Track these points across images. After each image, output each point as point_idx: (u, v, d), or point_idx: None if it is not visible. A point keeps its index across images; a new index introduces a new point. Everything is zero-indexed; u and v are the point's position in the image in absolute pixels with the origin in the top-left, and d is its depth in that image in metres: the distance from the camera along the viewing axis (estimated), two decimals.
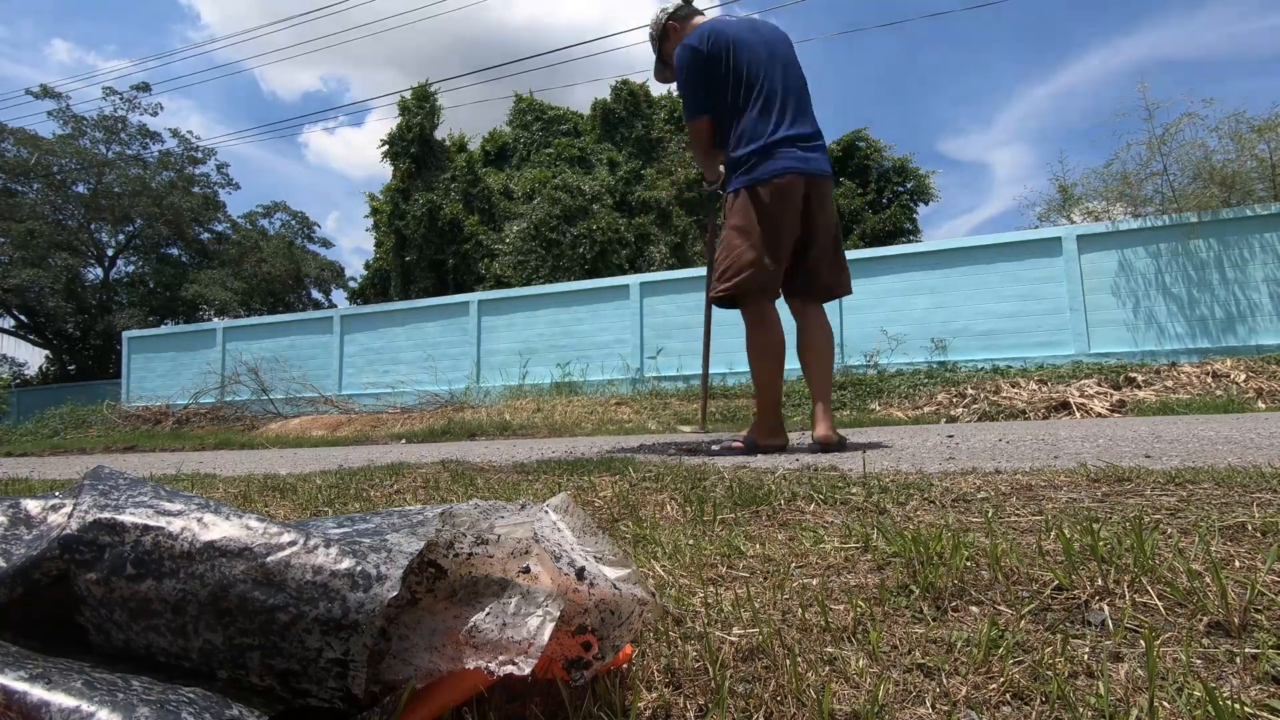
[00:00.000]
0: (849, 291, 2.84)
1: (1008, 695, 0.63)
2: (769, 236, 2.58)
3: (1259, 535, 1.01)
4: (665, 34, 2.93)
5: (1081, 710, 0.59)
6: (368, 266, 20.04)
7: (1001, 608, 0.82)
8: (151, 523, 0.55)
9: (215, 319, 23.71)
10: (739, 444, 2.77)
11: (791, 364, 2.79)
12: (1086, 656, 0.69)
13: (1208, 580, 0.81)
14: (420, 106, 16.94)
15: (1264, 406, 5.09)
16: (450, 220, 15.94)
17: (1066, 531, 1.01)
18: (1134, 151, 9.30)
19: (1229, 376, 5.81)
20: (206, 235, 26.41)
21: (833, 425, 2.65)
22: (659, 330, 9.40)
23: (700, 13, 2.95)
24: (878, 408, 6.47)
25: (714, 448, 2.88)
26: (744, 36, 2.69)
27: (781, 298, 2.78)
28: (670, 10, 2.94)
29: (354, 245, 64.40)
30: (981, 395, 6.15)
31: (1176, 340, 7.22)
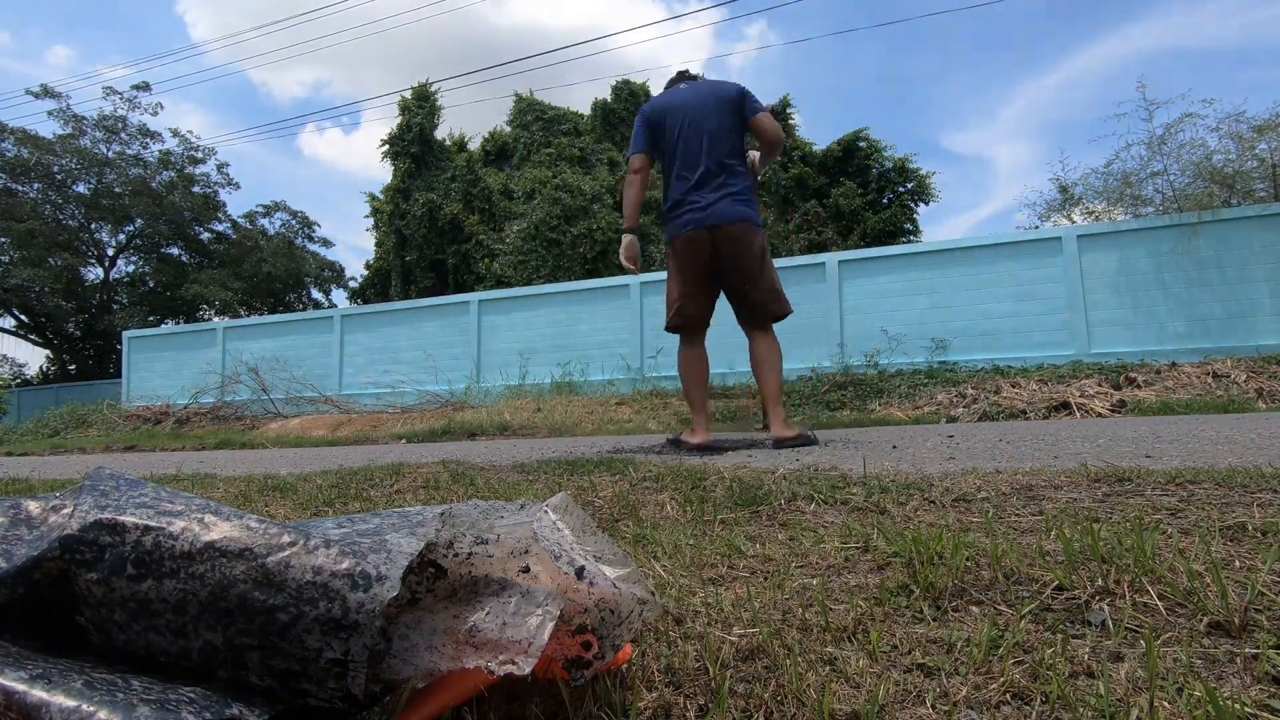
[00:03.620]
0: (786, 312, 3.16)
1: (1008, 695, 0.63)
2: (685, 280, 3.14)
3: (1259, 535, 1.01)
4: None
5: (1081, 710, 0.59)
6: (368, 266, 20.04)
7: (1002, 608, 0.82)
8: (152, 523, 0.55)
9: (215, 319, 23.72)
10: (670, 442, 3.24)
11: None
12: (1087, 656, 0.69)
13: (1208, 580, 0.81)
14: (420, 106, 16.94)
15: (1264, 406, 5.09)
16: (450, 220, 15.95)
17: (1067, 531, 1.01)
18: (1134, 151, 9.29)
19: (1229, 376, 5.81)
20: (206, 235, 26.40)
21: (784, 423, 3.04)
22: (659, 330, 9.40)
23: (679, 80, 3.33)
24: (878, 408, 6.47)
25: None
26: (677, 105, 3.14)
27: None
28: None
29: (354, 245, 64.37)
30: (982, 395, 6.15)
31: (1177, 340, 7.21)
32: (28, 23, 49.00)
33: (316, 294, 28.00)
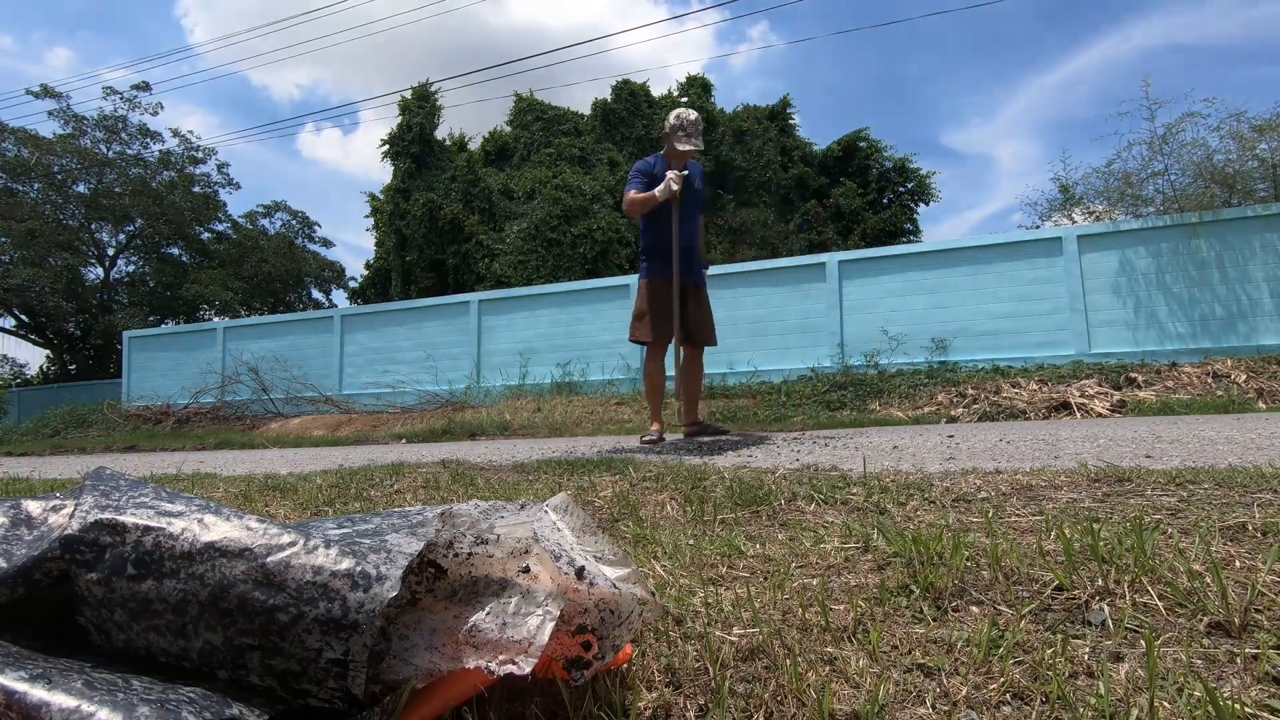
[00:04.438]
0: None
1: (1008, 695, 0.63)
2: None
3: (1259, 535, 1.01)
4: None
5: (1081, 710, 0.59)
6: (368, 266, 20.03)
7: (1002, 608, 0.82)
8: (152, 523, 0.55)
9: (215, 319, 23.73)
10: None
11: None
12: (1086, 656, 0.69)
13: (1208, 580, 0.81)
14: (420, 106, 16.93)
15: (1264, 407, 5.09)
16: (450, 220, 15.94)
17: (1067, 531, 1.01)
18: (1135, 151, 9.27)
19: (1230, 376, 5.81)
20: (207, 235, 26.39)
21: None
22: None
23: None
24: (878, 408, 6.47)
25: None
26: None
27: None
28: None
29: (354, 245, 64.42)
30: (982, 395, 6.15)
31: (1177, 340, 7.21)
32: (29, 27, 49.10)
33: (316, 294, 28.02)
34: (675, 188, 3.66)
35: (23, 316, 23.79)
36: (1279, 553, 0.87)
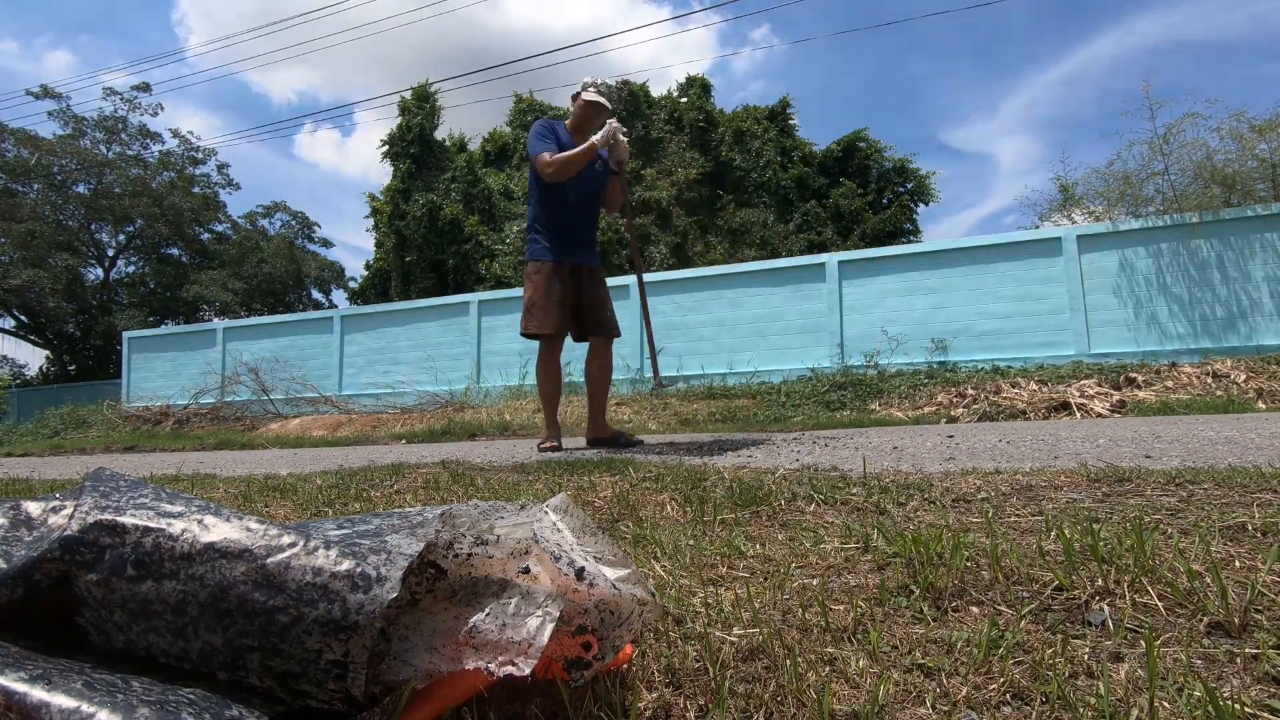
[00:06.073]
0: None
1: (1008, 695, 0.63)
2: None
3: (1259, 535, 1.01)
4: None
5: (1081, 710, 0.59)
6: (368, 266, 20.03)
7: (1002, 608, 0.82)
8: (152, 524, 0.55)
9: (215, 319, 23.73)
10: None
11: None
12: (1086, 656, 0.69)
13: (1208, 580, 0.81)
14: (420, 106, 16.93)
15: (1264, 407, 5.09)
16: (450, 220, 15.94)
17: (1067, 532, 1.01)
18: (1135, 151, 9.27)
19: (1229, 377, 5.81)
20: (207, 235, 26.42)
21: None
22: (658, 330, 9.39)
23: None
24: (878, 408, 6.47)
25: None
26: None
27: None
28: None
29: (354, 245, 64.45)
30: (982, 395, 6.14)
31: (1177, 340, 7.21)
32: (30, 31, 49.19)
33: (316, 294, 28.05)
34: (621, 138, 3.23)
35: (23, 317, 23.80)
36: (1279, 553, 0.87)
